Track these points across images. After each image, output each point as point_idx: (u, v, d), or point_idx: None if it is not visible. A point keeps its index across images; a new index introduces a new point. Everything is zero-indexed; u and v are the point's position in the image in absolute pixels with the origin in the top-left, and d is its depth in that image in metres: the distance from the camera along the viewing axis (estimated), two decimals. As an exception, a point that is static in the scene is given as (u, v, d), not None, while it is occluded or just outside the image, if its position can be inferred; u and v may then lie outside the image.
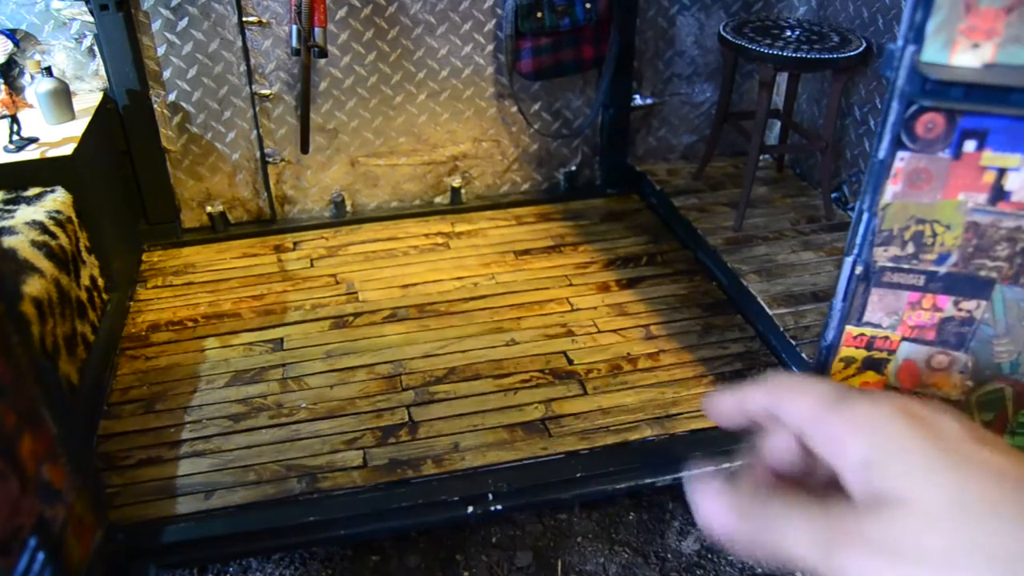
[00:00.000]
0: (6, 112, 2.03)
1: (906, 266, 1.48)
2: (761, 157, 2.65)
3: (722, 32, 2.43)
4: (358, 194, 2.80)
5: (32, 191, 1.98)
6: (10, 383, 1.00)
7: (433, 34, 2.59)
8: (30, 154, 2.03)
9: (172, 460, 1.79)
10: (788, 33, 2.39)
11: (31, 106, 2.17)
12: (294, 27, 2.37)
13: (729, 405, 0.42)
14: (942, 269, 1.47)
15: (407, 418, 1.91)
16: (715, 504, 0.38)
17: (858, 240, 1.49)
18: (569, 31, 2.58)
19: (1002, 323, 1.50)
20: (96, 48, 2.33)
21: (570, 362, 2.09)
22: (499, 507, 1.71)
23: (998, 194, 1.38)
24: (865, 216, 1.45)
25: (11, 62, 2.27)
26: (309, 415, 1.91)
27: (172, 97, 2.49)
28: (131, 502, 1.68)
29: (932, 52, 1.26)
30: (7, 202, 1.93)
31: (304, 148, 2.59)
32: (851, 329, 1.58)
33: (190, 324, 2.24)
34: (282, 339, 2.18)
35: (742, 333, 2.20)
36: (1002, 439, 0.33)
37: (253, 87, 2.52)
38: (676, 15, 2.76)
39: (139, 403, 1.95)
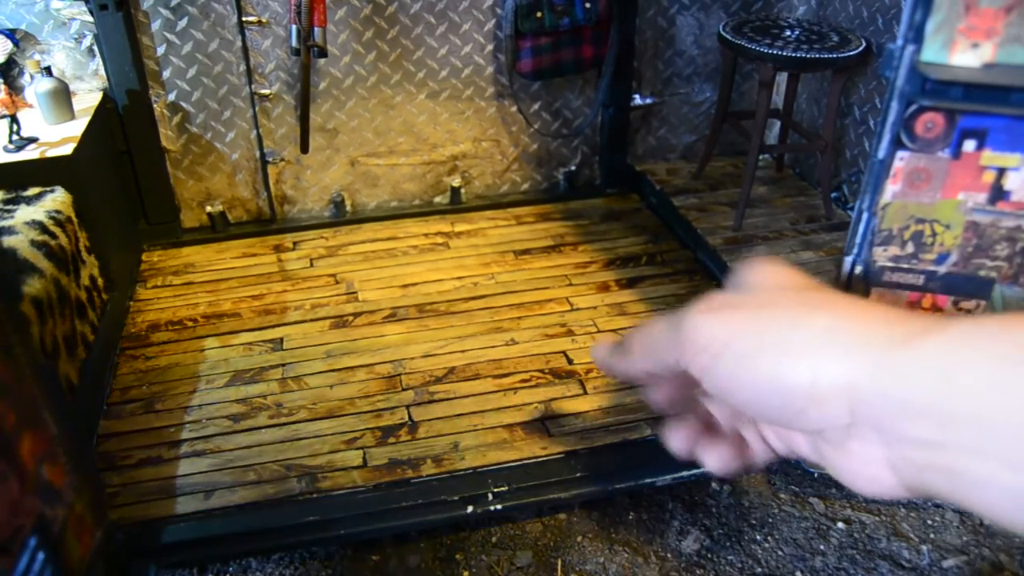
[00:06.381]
0: (6, 112, 2.03)
1: (906, 266, 1.48)
2: (761, 157, 2.65)
3: (721, 32, 2.43)
4: (358, 194, 2.80)
5: (32, 191, 1.98)
6: (10, 383, 1.00)
7: (433, 34, 2.59)
8: (30, 154, 2.03)
9: (172, 460, 1.79)
10: (788, 33, 2.39)
11: (31, 106, 2.17)
12: (294, 27, 2.37)
13: (616, 366, 0.53)
14: (942, 269, 1.47)
15: (407, 418, 1.91)
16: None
17: (858, 240, 1.49)
18: (569, 31, 2.58)
19: (1002, 323, 1.50)
20: (96, 48, 2.33)
21: (570, 362, 2.09)
22: (499, 507, 1.71)
23: (998, 194, 1.38)
24: (865, 216, 1.46)
25: (11, 62, 2.27)
26: (309, 415, 1.91)
27: (172, 97, 2.49)
28: (131, 502, 1.68)
29: (932, 52, 1.26)
30: (7, 202, 1.93)
31: (304, 148, 2.59)
32: (851, 329, 1.58)
33: (190, 324, 2.24)
34: (282, 339, 2.18)
35: (742, 333, 2.20)
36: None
37: (253, 87, 2.52)
38: (676, 15, 2.76)
39: (139, 403, 1.95)
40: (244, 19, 2.42)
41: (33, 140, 2.07)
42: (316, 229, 2.71)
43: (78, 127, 2.16)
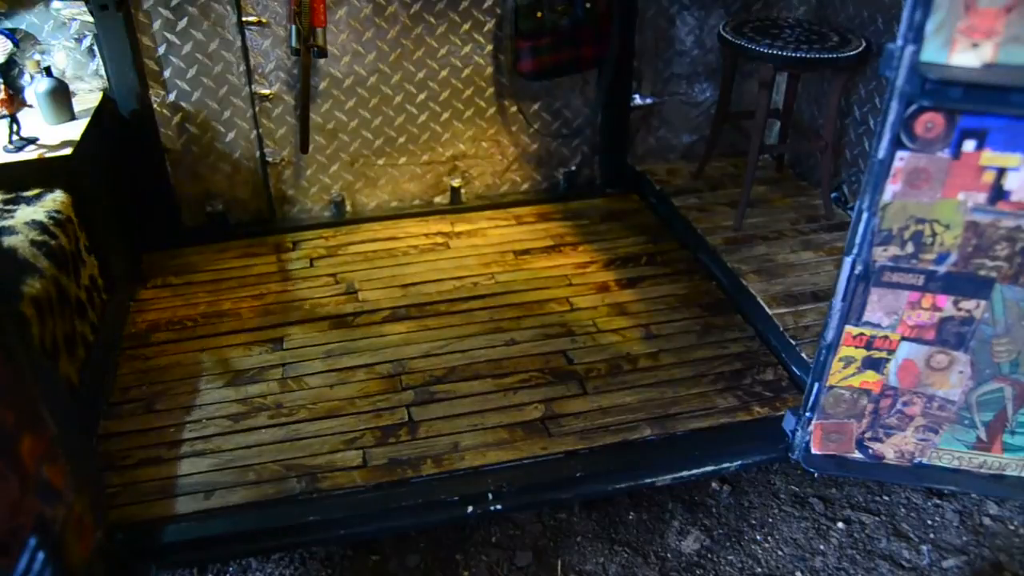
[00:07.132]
0: (5, 112, 2.03)
1: (906, 266, 1.48)
2: (761, 157, 2.65)
3: (722, 32, 2.43)
4: (358, 194, 2.80)
5: (32, 191, 1.98)
6: (10, 383, 1.00)
7: (433, 34, 2.59)
8: (30, 154, 2.03)
9: (172, 460, 1.79)
10: (787, 33, 2.39)
11: (31, 106, 2.17)
12: (294, 27, 2.37)
13: None
14: (941, 269, 1.47)
15: (407, 418, 1.91)
16: None
17: (858, 240, 1.49)
18: (569, 31, 2.57)
19: (1001, 323, 1.51)
20: (96, 48, 2.33)
21: (570, 362, 2.09)
22: (499, 507, 1.71)
23: (997, 194, 1.38)
24: (865, 216, 1.46)
25: (11, 62, 2.27)
26: (309, 415, 1.91)
27: (172, 97, 2.49)
28: (131, 502, 1.68)
29: (932, 52, 1.26)
30: (7, 202, 1.93)
31: (304, 148, 2.59)
32: (851, 329, 1.58)
33: (190, 324, 2.24)
34: (282, 339, 2.18)
35: (742, 333, 2.20)
36: None
37: (253, 87, 2.52)
38: (676, 15, 2.76)
39: (139, 403, 1.95)
40: (244, 19, 2.42)
41: (33, 140, 2.07)
42: (316, 229, 2.71)
43: (78, 127, 2.16)
